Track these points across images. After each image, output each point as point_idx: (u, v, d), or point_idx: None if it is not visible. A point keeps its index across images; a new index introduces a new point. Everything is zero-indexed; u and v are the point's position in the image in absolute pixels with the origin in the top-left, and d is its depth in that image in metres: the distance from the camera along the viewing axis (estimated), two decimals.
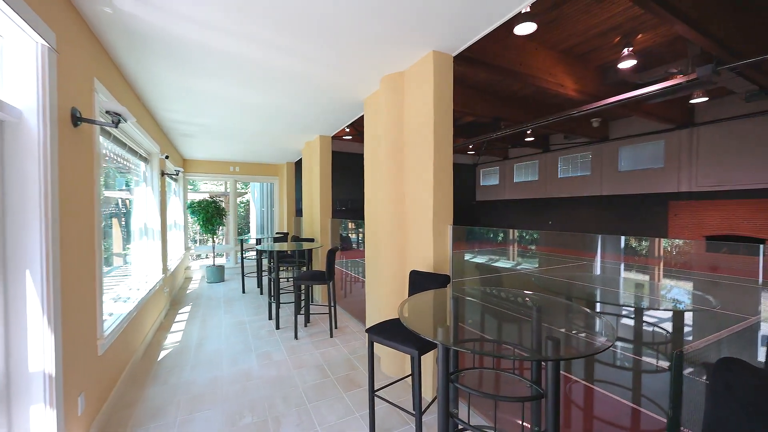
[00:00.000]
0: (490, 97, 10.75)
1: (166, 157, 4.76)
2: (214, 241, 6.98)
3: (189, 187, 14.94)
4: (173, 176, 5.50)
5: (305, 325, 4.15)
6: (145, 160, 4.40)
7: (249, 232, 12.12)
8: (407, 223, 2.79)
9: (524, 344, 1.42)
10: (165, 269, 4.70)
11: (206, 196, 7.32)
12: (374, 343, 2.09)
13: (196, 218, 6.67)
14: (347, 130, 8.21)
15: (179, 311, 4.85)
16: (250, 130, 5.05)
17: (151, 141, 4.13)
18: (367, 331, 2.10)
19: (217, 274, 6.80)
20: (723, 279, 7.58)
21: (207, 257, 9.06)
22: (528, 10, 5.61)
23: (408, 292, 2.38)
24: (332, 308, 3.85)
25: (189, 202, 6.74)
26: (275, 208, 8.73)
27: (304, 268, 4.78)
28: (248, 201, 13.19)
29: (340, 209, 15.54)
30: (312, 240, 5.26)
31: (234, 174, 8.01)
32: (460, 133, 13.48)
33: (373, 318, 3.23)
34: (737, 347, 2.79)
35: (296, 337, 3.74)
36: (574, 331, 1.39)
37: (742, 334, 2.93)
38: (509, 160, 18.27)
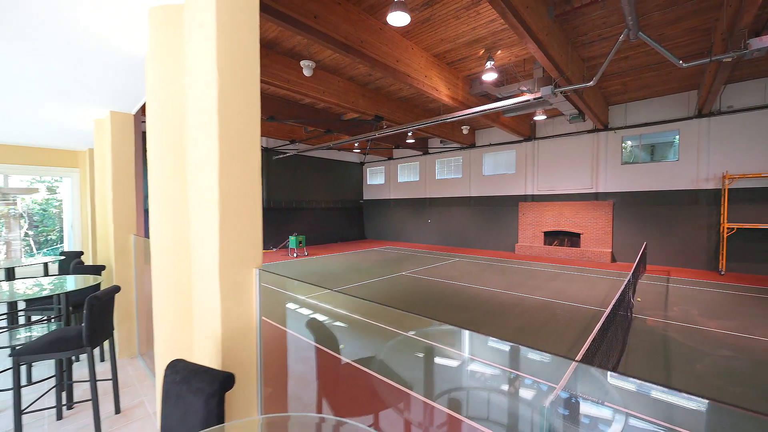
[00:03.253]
0: (372, 93, 10.34)
1: None
2: None
3: None
4: None
5: (59, 418, 2.54)
6: None
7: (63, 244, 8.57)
8: (192, 260, 1.68)
9: None
10: None
11: None
12: None
13: None
14: None
15: None
16: None
17: None
18: None
19: None
20: (562, 269, 9.07)
21: None
22: None
23: (160, 417, 1.28)
24: (103, 384, 2.40)
25: None
26: (74, 214, 6.12)
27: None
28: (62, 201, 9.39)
29: None
30: (101, 268, 3.50)
31: None
32: (344, 129, 12.82)
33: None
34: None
35: None
36: None
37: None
38: (394, 160, 18.67)
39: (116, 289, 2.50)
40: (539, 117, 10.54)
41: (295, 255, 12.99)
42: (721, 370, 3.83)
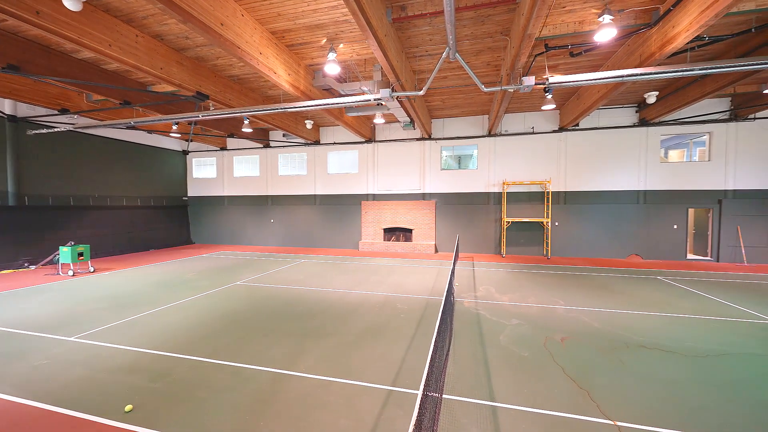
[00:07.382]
0: (192, 63, 8.24)
1: None
2: None
3: None
4: None
5: None
6: None
7: None
8: None
9: None
10: None
11: None
12: None
13: None
14: None
15: None
16: None
17: None
18: None
19: None
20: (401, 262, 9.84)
21: None
22: None
23: None
24: None
25: None
26: None
27: None
28: None
29: None
30: None
31: None
32: (154, 105, 9.79)
33: None
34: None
35: None
36: None
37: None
38: (228, 151, 16.10)
39: None
40: (378, 120, 11.11)
41: (70, 273, 9.08)
42: (516, 337, 4.70)
